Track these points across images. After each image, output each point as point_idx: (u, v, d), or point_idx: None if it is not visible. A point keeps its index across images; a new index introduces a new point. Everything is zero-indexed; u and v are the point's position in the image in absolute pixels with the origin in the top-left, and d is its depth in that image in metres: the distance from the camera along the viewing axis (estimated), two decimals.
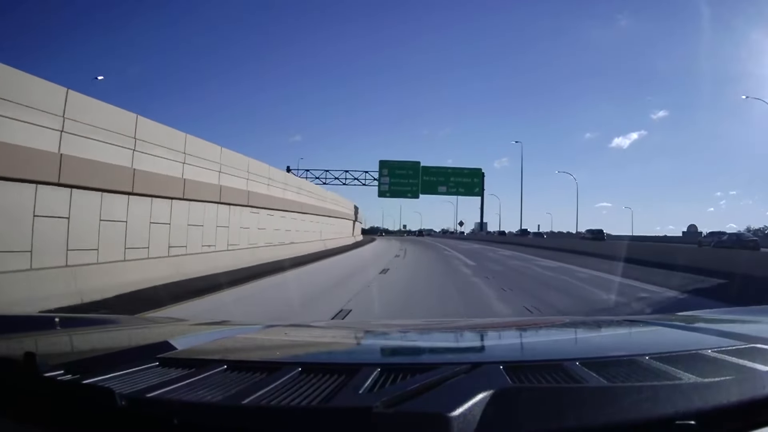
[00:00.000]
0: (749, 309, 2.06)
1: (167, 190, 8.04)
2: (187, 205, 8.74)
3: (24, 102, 5.20)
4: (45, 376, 0.61)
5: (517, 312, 5.96)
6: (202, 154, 9.58)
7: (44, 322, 1.42)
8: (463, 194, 41.55)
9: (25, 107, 5.20)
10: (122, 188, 6.81)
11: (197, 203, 9.11)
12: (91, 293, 5.66)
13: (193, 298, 6.28)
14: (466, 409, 0.53)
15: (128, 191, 6.92)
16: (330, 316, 5.29)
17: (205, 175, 9.57)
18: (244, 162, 12.04)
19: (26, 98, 5.24)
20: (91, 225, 6.16)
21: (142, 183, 7.20)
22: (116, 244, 6.67)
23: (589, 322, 2.06)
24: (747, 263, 10.77)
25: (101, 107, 6.71)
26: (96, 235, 6.23)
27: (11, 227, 5.04)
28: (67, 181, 5.71)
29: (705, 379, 0.69)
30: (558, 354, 0.99)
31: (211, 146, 10.24)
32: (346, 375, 0.71)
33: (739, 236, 27.20)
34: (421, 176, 39.93)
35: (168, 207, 8.10)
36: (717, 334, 1.10)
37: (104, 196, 6.41)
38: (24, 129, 5.13)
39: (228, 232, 10.53)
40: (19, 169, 5.02)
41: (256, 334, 1.33)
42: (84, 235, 6.00)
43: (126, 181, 6.86)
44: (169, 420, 0.54)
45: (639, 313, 6.01)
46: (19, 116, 5.10)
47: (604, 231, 38.37)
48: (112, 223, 6.57)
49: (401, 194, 40.85)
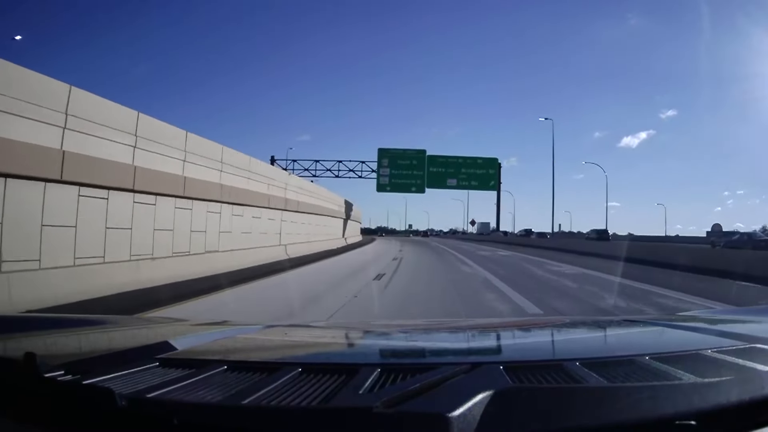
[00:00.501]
0: (749, 309, 2.06)
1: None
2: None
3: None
4: (45, 376, 0.61)
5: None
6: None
7: (44, 322, 1.43)
8: (476, 188, 33.79)
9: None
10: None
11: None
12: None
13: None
14: (466, 409, 0.53)
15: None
16: None
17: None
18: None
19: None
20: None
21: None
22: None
23: (589, 322, 2.06)
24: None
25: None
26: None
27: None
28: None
29: (705, 379, 0.69)
30: (558, 354, 0.99)
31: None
32: (346, 375, 0.71)
33: (751, 236, 25.87)
34: (427, 167, 32.70)
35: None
36: (717, 334, 1.10)
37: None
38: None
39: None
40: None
41: (256, 335, 1.33)
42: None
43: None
44: (169, 420, 0.54)
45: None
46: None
47: (608, 231, 37.86)
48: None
49: (404, 188, 33.59)
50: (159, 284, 7.00)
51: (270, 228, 13.72)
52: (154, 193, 7.76)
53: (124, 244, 7.00)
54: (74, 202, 6.03)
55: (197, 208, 9.28)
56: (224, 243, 10.35)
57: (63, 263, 5.72)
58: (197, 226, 9.28)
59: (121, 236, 6.93)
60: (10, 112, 5.08)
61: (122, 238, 6.96)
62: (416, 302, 6.84)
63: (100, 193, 6.48)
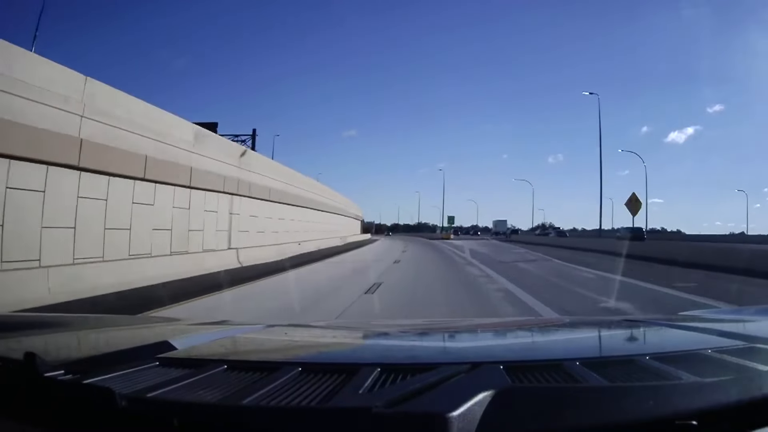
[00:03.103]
0: (749, 309, 2.06)
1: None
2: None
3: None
4: (45, 376, 0.61)
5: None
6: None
7: (44, 322, 1.43)
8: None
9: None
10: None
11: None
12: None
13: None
14: (466, 409, 0.53)
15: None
16: None
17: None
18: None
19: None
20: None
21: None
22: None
23: (589, 322, 2.06)
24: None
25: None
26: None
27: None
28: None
29: (705, 379, 0.68)
30: (558, 354, 0.99)
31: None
32: (346, 375, 0.71)
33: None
34: None
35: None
36: (717, 334, 1.10)
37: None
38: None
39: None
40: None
41: (256, 334, 1.33)
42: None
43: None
44: (169, 420, 0.54)
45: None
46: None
47: (643, 229, 31.79)
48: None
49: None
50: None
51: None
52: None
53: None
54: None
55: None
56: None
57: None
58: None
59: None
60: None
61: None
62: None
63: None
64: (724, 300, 7.16)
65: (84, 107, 6.63)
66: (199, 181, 9.87)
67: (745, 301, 7.14)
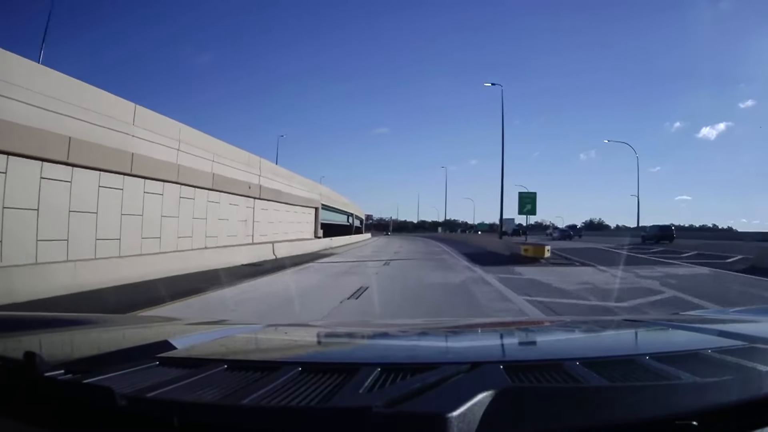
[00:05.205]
0: (749, 309, 2.06)
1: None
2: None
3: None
4: (45, 376, 0.61)
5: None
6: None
7: (44, 321, 1.43)
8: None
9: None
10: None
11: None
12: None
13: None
14: (466, 409, 0.53)
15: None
16: None
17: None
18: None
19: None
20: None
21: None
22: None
23: (589, 322, 2.06)
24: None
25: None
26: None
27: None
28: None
29: (705, 379, 0.68)
30: (558, 354, 0.99)
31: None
32: (345, 375, 0.70)
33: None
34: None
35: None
36: (717, 334, 1.10)
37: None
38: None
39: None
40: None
41: (256, 334, 1.33)
42: None
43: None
44: (169, 420, 0.54)
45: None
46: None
47: (672, 227, 28.07)
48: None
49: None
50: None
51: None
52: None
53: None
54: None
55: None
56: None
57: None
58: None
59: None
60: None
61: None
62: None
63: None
64: None
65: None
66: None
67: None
